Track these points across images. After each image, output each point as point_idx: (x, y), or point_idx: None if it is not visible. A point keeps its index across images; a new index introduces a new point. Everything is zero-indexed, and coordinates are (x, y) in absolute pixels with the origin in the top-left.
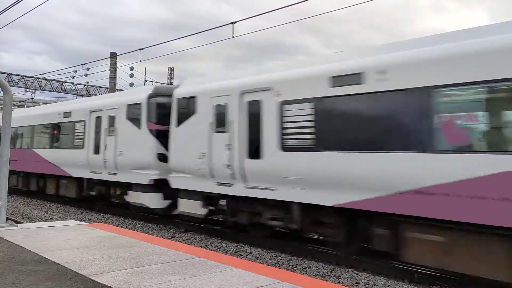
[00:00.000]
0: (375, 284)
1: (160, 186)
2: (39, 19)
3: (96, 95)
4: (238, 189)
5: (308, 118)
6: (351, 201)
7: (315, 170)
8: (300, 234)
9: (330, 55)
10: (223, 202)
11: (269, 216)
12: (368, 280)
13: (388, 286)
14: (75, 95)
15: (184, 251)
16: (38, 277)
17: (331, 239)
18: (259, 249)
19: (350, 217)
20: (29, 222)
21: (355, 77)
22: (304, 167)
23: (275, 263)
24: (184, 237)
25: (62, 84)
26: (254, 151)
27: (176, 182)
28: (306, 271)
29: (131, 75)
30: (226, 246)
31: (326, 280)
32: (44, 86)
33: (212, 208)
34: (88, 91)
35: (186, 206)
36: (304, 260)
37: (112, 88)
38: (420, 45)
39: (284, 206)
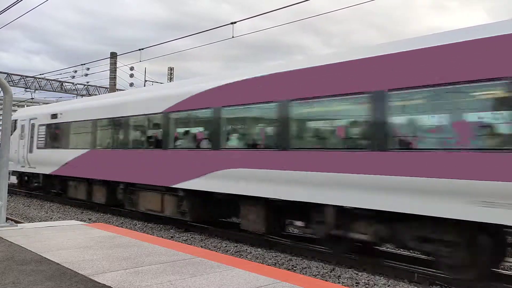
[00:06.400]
0: (375, 284)
1: None
2: (39, 19)
3: (96, 95)
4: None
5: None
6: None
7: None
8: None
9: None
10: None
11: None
12: (368, 280)
13: (388, 286)
14: (75, 95)
15: (184, 251)
16: (38, 277)
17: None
18: (259, 249)
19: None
20: (29, 222)
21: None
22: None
23: (275, 263)
24: (184, 237)
25: (62, 84)
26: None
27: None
28: (306, 271)
29: (131, 75)
30: (226, 246)
31: (326, 280)
32: (44, 86)
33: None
34: (88, 91)
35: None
36: (304, 260)
37: (112, 88)
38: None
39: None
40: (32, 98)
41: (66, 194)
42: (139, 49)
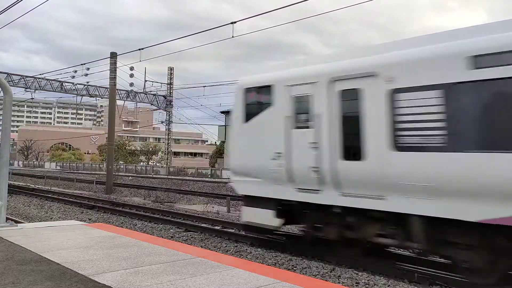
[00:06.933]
0: (375, 284)
1: None
2: (39, 19)
3: (96, 95)
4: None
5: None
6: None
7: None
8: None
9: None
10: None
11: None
12: (368, 280)
13: (388, 286)
14: (75, 95)
15: (184, 251)
16: (38, 277)
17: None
18: (259, 249)
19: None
20: (29, 222)
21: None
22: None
23: (275, 263)
24: (184, 237)
25: (62, 84)
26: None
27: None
28: (306, 271)
29: (131, 75)
30: (226, 246)
31: (326, 280)
32: (44, 86)
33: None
34: (88, 91)
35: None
36: (304, 260)
37: (112, 88)
38: None
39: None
40: (32, 98)
41: None
42: (139, 49)
